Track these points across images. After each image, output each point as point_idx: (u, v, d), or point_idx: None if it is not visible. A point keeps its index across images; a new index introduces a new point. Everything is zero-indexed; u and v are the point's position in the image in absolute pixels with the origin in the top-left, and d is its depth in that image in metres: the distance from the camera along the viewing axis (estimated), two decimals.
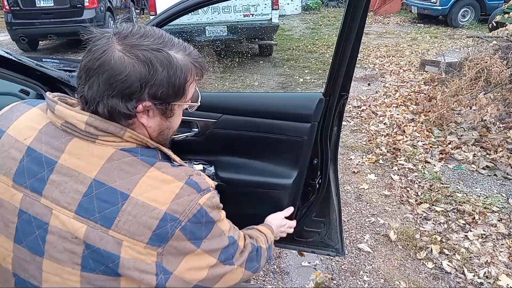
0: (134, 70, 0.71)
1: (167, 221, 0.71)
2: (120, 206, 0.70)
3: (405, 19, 10.99)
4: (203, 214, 0.75)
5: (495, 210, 2.66)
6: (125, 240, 0.70)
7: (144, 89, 0.73)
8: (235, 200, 1.57)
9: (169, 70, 0.74)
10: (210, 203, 0.77)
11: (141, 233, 0.70)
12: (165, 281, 0.73)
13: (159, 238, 0.71)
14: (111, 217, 0.70)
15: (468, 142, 3.54)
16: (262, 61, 7.03)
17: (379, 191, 2.99)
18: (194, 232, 0.74)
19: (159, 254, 0.71)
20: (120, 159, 0.73)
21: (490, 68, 3.77)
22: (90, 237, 0.70)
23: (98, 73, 0.71)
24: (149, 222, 0.70)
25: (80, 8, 7.41)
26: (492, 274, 2.12)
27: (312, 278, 2.16)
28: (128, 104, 0.73)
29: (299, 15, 12.51)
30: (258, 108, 1.45)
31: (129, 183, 0.72)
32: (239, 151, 1.52)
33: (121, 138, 0.74)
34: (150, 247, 0.70)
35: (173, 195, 0.73)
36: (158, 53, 0.73)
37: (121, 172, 0.72)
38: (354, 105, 4.71)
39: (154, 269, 0.71)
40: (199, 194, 0.75)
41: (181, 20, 4.96)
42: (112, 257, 0.70)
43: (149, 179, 0.73)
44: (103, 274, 0.71)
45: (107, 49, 0.71)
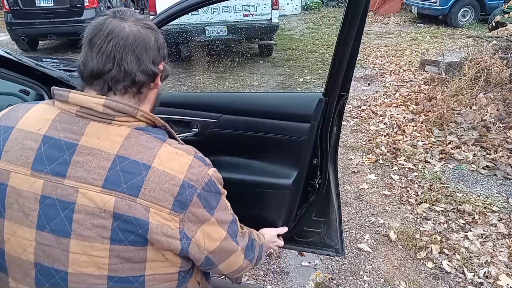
0: (154, 39, 0.83)
1: (185, 188, 0.78)
2: (144, 175, 0.75)
3: (405, 19, 10.99)
4: (213, 184, 0.83)
5: (495, 210, 2.66)
6: (152, 206, 0.74)
7: (160, 51, 0.85)
8: (235, 200, 1.57)
9: (160, 34, 0.88)
10: (217, 175, 0.87)
11: (165, 199, 0.76)
12: (187, 246, 0.79)
13: (180, 204, 0.77)
14: (137, 186, 0.75)
15: (468, 142, 3.54)
16: (262, 61, 7.03)
17: (379, 191, 2.99)
18: (207, 200, 0.81)
19: (181, 221, 0.77)
20: (137, 137, 0.79)
21: (490, 68, 3.77)
22: (120, 207, 0.73)
23: (132, 48, 0.79)
24: (171, 189, 0.76)
25: (80, 8, 7.40)
26: (492, 274, 2.12)
27: (312, 278, 2.16)
28: (155, 66, 0.84)
29: (299, 15, 12.51)
30: (258, 108, 1.45)
31: (149, 155, 0.78)
32: (239, 151, 1.52)
33: (134, 118, 0.80)
34: (174, 213, 0.76)
35: (187, 165, 0.80)
36: (151, 23, 0.86)
37: (140, 147, 0.78)
38: (354, 105, 4.71)
39: (178, 235, 0.77)
40: (206, 167, 0.84)
41: (181, 20, 4.96)
42: (141, 223, 0.74)
43: (165, 152, 0.80)
44: (131, 245, 0.75)
45: (125, 27, 0.80)
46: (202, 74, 6.23)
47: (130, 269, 0.77)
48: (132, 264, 0.76)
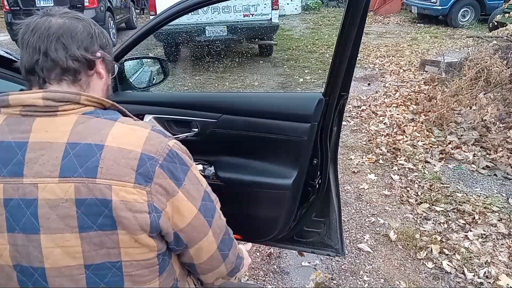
0: (82, 26, 0.84)
1: (145, 160, 0.77)
2: (99, 155, 0.75)
3: (405, 19, 10.99)
4: (175, 155, 0.82)
5: (495, 210, 2.66)
6: (113, 184, 0.74)
7: (95, 42, 0.86)
8: (235, 200, 1.57)
9: (97, 25, 0.89)
10: (179, 146, 0.85)
11: (125, 174, 0.75)
12: (158, 219, 0.77)
13: (143, 176, 0.76)
14: (93, 166, 0.74)
15: (468, 142, 3.54)
16: (262, 61, 7.02)
17: (379, 191, 2.99)
18: (172, 170, 0.79)
19: (149, 193, 0.76)
20: (85, 122, 0.79)
21: (490, 68, 3.77)
22: (80, 192, 0.73)
23: (56, 37, 0.80)
24: (129, 163, 0.76)
25: (80, 8, 7.41)
26: (492, 274, 2.12)
27: (312, 278, 2.16)
28: (88, 53, 0.84)
29: (299, 15, 12.51)
30: (258, 108, 1.45)
31: (101, 136, 0.77)
32: (239, 151, 1.52)
33: (79, 104, 0.80)
34: (139, 186, 0.75)
35: (144, 138, 0.80)
36: (83, 15, 0.88)
37: (90, 130, 0.78)
38: (354, 105, 4.71)
39: (147, 208, 0.75)
40: (166, 138, 0.83)
41: (181, 20, 4.96)
42: (105, 202, 0.73)
43: (118, 129, 0.79)
44: (101, 230, 0.74)
45: (50, 20, 0.82)
46: (202, 74, 6.23)
47: (106, 255, 0.76)
48: (107, 249, 0.76)
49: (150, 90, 1.86)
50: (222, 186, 1.52)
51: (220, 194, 1.59)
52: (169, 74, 1.87)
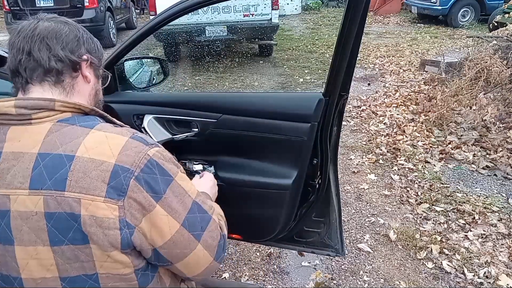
0: (69, 29, 0.84)
1: (119, 173, 0.72)
2: (68, 167, 0.72)
3: (405, 19, 10.99)
4: (155, 165, 0.76)
5: (495, 210, 2.66)
6: (82, 197, 0.71)
7: (81, 45, 0.85)
8: (235, 200, 1.57)
9: (86, 32, 0.89)
10: (161, 155, 0.79)
11: (96, 187, 0.71)
12: (130, 235, 0.73)
13: (116, 190, 0.71)
14: (62, 179, 0.71)
15: (468, 142, 3.54)
16: (262, 61, 7.02)
17: (379, 191, 2.99)
18: (149, 183, 0.74)
19: (121, 208, 0.72)
20: (59, 130, 0.76)
21: (490, 68, 3.77)
22: (49, 205, 0.71)
23: (40, 38, 0.79)
24: (101, 175, 0.72)
25: (80, 8, 7.41)
26: (492, 274, 2.12)
27: (312, 278, 2.16)
28: (73, 55, 0.83)
29: (299, 15, 12.51)
30: (258, 108, 1.45)
31: (72, 146, 0.74)
32: (239, 151, 1.52)
33: (54, 110, 0.77)
34: (110, 200, 0.71)
35: (120, 147, 0.75)
36: (72, 21, 0.88)
37: (62, 139, 0.74)
38: (354, 105, 4.71)
39: (118, 224, 0.71)
40: (147, 147, 0.77)
41: (181, 20, 4.96)
42: (73, 217, 0.71)
43: (92, 138, 0.75)
44: (72, 244, 0.72)
45: (38, 23, 0.82)
46: (202, 74, 6.23)
47: (80, 268, 0.74)
48: (81, 263, 0.74)
49: (150, 90, 1.86)
50: (222, 186, 1.52)
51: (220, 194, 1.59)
52: (169, 74, 1.87)
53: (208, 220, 0.84)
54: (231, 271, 2.23)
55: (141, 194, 0.73)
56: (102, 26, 7.78)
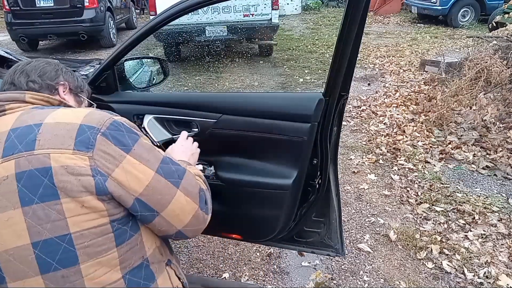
0: (48, 64, 1.00)
1: (85, 130, 0.79)
2: (37, 131, 0.79)
3: (405, 19, 10.99)
4: (121, 124, 0.84)
5: (495, 210, 2.66)
6: (51, 152, 0.76)
7: (59, 75, 1.00)
8: (235, 200, 1.57)
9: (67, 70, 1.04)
10: (125, 121, 0.87)
11: (64, 142, 0.77)
12: (104, 182, 0.77)
13: (83, 144, 0.78)
14: (31, 141, 0.77)
15: (468, 142, 3.54)
16: (262, 61, 7.02)
17: (379, 191, 2.99)
18: (117, 137, 0.81)
19: (91, 159, 0.77)
20: (30, 112, 0.85)
21: (490, 68, 3.77)
22: (20, 165, 0.76)
23: (21, 70, 0.96)
24: (68, 133, 0.79)
25: (80, 8, 7.40)
26: (492, 274, 2.12)
27: (312, 278, 2.16)
28: (50, 80, 0.97)
29: (299, 15, 12.51)
30: (258, 108, 1.45)
31: (41, 117, 0.82)
32: (239, 151, 1.52)
33: (25, 102, 0.88)
34: (79, 151, 0.77)
35: (85, 113, 0.83)
36: (55, 61, 1.03)
37: (32, 116, 0.83)
38: (354, 105, 4.71)
39: (90, 172, 0.77)
40: (111, 115, 0.86)
41: (181, 20, 4.96)
42: (44, 171, 0.75)
43: (59, 111, 0.85)
44: (42, 201, 0.75)
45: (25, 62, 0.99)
46: (202, 74, 6.23)
47: (52, 229, 0.75)
48: (52, 223, 0.75)
49: (150, 90, 1.86)
50: (222, 186, 1.52)
51: (220, 194, 1.59)
52: (169, 74, 1.87)
53: (183, 171, 0.90)
54: (231, 271, 2.23)
55: (110, 146, 0.79)
56: (102, 26, 7.78)
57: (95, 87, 1.50)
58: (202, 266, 2.28)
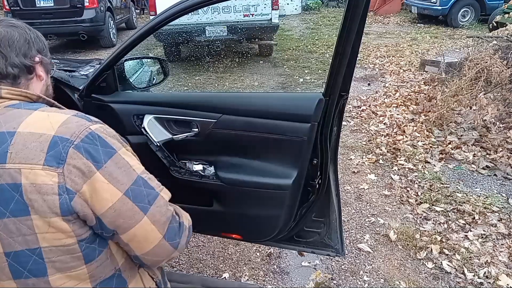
0: (18, 34, 0.87)
1: (57, 143, 0.75)
2: (9, 142, 0.76)
3: (405, 19, 10.99)
4: (96, 137, 0.79)
5: (495, 210, 2.66)
6: (22, 167, 0.74)
7: (32, 47, 0.89)
8: (235, 200, 1.57)
9: (32, 30, 0.91)
10: (104, 130, 0.82)
11: (34, 157, 0.74)
12: (69, 201, 0.75)
13: (54, 158, 0.75)
14: (3, 153, 0.75)
15: (468, 142, 3.54)
16: (262, 61, 7.02)
17: (379, 191, 2.99)
18: (90, 151, 0.77)
19: (60, 175, 0.74)
20: (4, 113, 0.80)
21: (490, 68, 3.76)
22: None
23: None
24: (39, 146, 0.75)
25: (80, 8, 7.40)
26: (492, 274, 2.12)
27: (312, 278, 2.16)
28: (27, 59, 0.87)
29: (299, 15, 12.51)
30: (258, 108, 1.45)
31: (15, 124, 0.78)
32: (239, 151, 1.52)
33: (1, 98, 0.82)
34: (48, 167, 0.74)
35: (60, 122, 0.79)
36: (18, 21, 0.91)
37: (6, 120, 0.79)
38: (354, 105, 4.71)
39: (56, 190, 0.74)
40: (89, 122, 0.81)
41: (181, 20, 4.96)
42: (15, 187, 0.74)
43: (34, 117, 0.80)
44: (14, 216, 0.74)
45: None
46: (202, 74, 6.23)
47: (23, 242, 0.75)
48: (23, 236, 0.75)
49: (150, 90, 1.86)
50: (222, 186, 1.52)
51: (220, 194, 1.59)
52: (169, 74, 1.87)
53: (155, 195, 0.84)
54: (231, 271, 2.23)
55: (81, 160, 0.76)
56: (102, 26, 7.78)
57: (95, 87, 1.50)
58: (202, 266, 2.28)
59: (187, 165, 1.56)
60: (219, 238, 2.42)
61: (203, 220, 1.65)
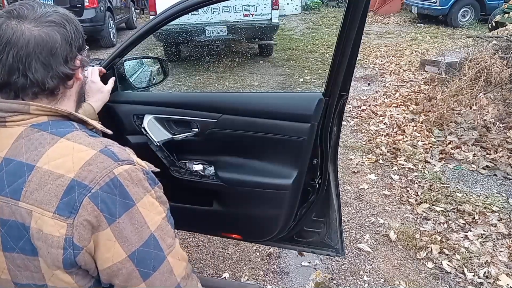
0: (60, 37, 0.76)
1: (74, 189, 0.69)
2: (26, 177, 0.70)
3: (405, 19, 10.99)
4: (117, 185, 0.71)
5: (495, 210, 2.66)
6: (34, 210, 0.69)
7: (72, 46, 0.79)
8: (235, 200, 1.57)
9: (71, 22, 0.81)
10: (129, 175, 0.73)
11: (47, 202, 0.69)
12: (74, 256, 0.69)
13: (67, 207, 0.68)
14: (18, 188, 0.70)
15: (468, 142, 3.54)
16: (262, 61, 7.02)
17: (379, 191, 2.99)
18: (107, 203, 0.70)
19: (69, 226, 0.68)
20: (28, 136, 0.74)
21: (490, 68, 3.77)
22: (4, 212, 0.71)
23: (36, 56, 0.74)
24: (54, 189, 0.69)
25: (80, 8, 7.40)
26: (492, 274, 2.12)
27: (312, 278, 2.16)
28: (69, 65, 0.78)
29: (299, 15, 12.51)
30: (258, 108, 1.45)
31: (36, 155, 0.72)
32: (239, 151, 1.52)
33: (29, 114, 0.75)
34: (58, 216, 0.68)
35: (83, 161, 0.71)
36: (56, 14, 0.78)
37: (29, 146, 0.73)
38: (354, 105, 4.71)
39: (62, 243, 0.68)
40: (115, 163, 0.72)
41: (181, 20, 4.96)
42: (24, 228, 0.70)
43: (58, 149, 0.72)
44: (22, 253, 0.71)
45: (23, 32, 0.73)
46: (202, 74, 6.24)
47: (30, 277, 0.73)
48: (30, 272, 0.72)
49: (150, 90, 1.86)
50: (222, 186, 1.52)
51: (220, 194, 1.59)
52: (169, 74, 1.87)
53: (161, 259, 0.74)
54: (231, 271, 2.23)
55: (94, 213, 0.69)
56: (102, 26, 7.78)
57: None
58: (202, 266, 2.28)
59: (187, 165, 1.56)
60: (219, 238, 2.42)
61: (203, 220, 1.65)
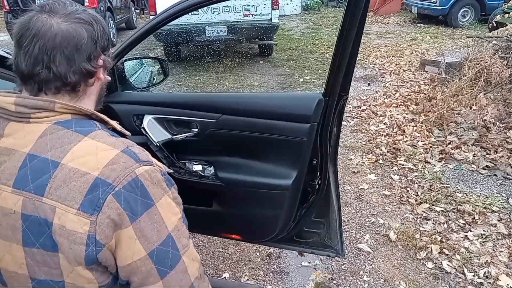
0: (87, 34, 0.78)
1: (98, 186, 0.70)
2: (51, 173, 0.71)
3: (405, 19, 10.99)
4: (138, 185, 0.73)
5: (495, 210, 2.66)
6: (57, 206, 0.70)
7: (97, 45, 0.81)
8: (235, 200, 1.57)
9: (99, 22, 0.83)
10: (149, 176, 0.75)
11: (72, 198, 0.70)
12: (96, 253, 0.71)
13: (91, 204, 0.70)
14: (43, 184, 0.71)
15: (468, 142, 3.54)
16: (262, 61, 7.02)
17: (379, 191, 2.99)
18: (129, 201, 0.72)
19: (93, 223, 0.69)
20: (53, 133, 0.75)
21: (490, 68, 3.76)
22: (27, 207, 0.71)
23: (61, 49, 0.75)
24: (79, 186, 0.70)
25: None
26: (492, 274, 2.12)
27: (312, 278, 2.16)
28: (92, 63, 0.80)
29: (299, 15, 12.51)
30: (258, 108, 1.45)
31: (61, 152, 0.73)
32: (239, 152, 1.52)
33: (53, 111, 0.76)
34: (82, 213, 0.69)
35: (107, 160, 0.73)
36: (86, 13, 0.81)
37: (54, 143, 0.74)
38: (354, 105, 4.71)
39: (85, 240, 0.70)
40: (136, 163, 0.75)
41: (181, 20, 4.96)
42: (46, 224, 0.70)
43: (82, 147, 0.74)
44: (43, 249, 0.72)
45: (52, 25, 0.75)
46: (202, 74, 6.23)
47: (48, 273, 0.74)
48: (49, 268, 0.73)
49: (150, 90, 1.86)
50: (222, 186, 1.52)
51: (220, 194, 1.59)
52: (169, 74, 1.87)
53: (178, 259, 0.78)
54: (231, 271, 2.23)
55: (117, 211, 0.71)
56: None
57: None
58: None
59: (187, 165, 1.56)
60: (219, 238, 2.42)
61: (203, 220, 1.65)
